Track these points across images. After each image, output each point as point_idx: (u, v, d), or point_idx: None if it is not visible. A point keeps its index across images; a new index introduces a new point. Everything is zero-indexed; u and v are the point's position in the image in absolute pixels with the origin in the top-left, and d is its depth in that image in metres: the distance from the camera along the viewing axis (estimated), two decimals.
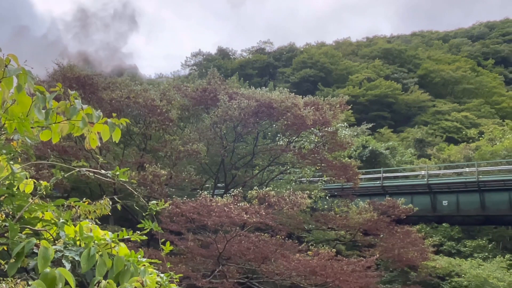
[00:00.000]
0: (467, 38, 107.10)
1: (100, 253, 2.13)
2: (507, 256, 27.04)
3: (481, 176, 28.30)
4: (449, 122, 63.39)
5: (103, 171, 2.83)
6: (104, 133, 2.40)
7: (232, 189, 22.57)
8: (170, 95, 23.85)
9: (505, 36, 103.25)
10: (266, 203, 18.02)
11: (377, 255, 22.02)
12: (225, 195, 21.59)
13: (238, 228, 17.75)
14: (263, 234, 18.61)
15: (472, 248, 29.93)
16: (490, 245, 30.14)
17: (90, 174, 2.94)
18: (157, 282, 2.32)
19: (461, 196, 28.70)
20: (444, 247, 30.52)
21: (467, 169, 32.16)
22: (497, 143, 41.30)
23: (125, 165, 19.37)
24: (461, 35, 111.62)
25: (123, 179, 2.85)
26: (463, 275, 24.75)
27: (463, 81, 78.42)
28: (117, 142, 2.75)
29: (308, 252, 20.01)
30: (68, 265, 2.04)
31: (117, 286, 2.11)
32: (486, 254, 28.93)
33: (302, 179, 29.76)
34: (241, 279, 19.07)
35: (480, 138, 47.62)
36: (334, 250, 20.33)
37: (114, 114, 2.60)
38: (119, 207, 4.48)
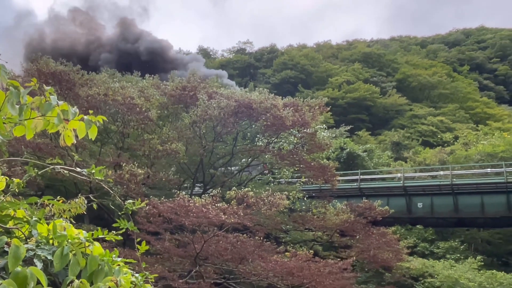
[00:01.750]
0: (443, 44, 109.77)
1: (73, 252, 2.09)
2: (478, 257, 27.75)
3: (455, 180, 28.98)
4: (425, 126, 64.76)
5: (78, 169, 2.78)
6: (80, 130, 2.36)
7: (210, 189, 22.49)
8: (148, 92, 23.59)
9: (480, 43, 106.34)
10: (245, 204, 18.00)
11: (354, 258, 22.26)
12: (203, 195, 21.49)
13: (216, 228, 17.68)
14: (241, 234, 18.59)
15: (445, 250, 30.60)
16: (462, 247, 30.88)
17: (65, 172, 2.89)
18: (131, 282, 2.29)
19: (435, 199, 29.32)
20: (418, 248, 31.11)
21: (441, 172, 32.85)
22: (471, 148, 42.38)
23: (102, 164, 19.04)
24: (438, 41, 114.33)
25: (99, 178, 2.81)
26: (436, 276, 25.27)
27: (439, 86, 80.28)
28: (93, 139, 2.71)
29: (286, 253, 20.09)
30: (40, 264, 2.00)
31: (90, 285, 2.07)
32: (458, 255, 29.61)
33: (281, 179, 29.89)
34: (218, 280, 19.00)
35: (455, 142, 48.77)
36: (312, 251, 20.47)
37: (91, 111, 2.56)
38: (94, 206, 4.41)
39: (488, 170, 31.64)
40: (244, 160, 27.75)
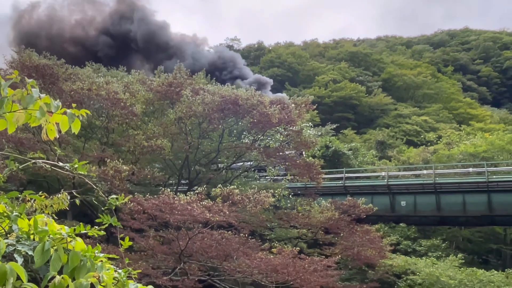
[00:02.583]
0: (428, 45, 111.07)
1: (55, 247, 2.06)
2: (459, 255, 28.23)
3: (437, 179, 29.36)
4: (409, 125, 65.56)
5: (60, 164, 2.74)
6: (63, 123, 2.32)
7: (196, 186, 22.38)
8: (134, 88, 23.36)
9: (464, 44, 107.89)
10: (230, 201, 17.98)
11: (339, 256, 22.40)
12: (188, 192, 21.40)
13: (200, 225, 17.63)
14: (226, 231, 18.57)
15: (427, 247, 31.08)
16: (443, 245, 31.42)
17: (47, 166, 2.84)
18: (114, 278, 2.27)
19: (418, 197, 29.66)
20: (401, 246, 31.54)
21: (424, 171, 33.24)
22: (454, 147, 43.05)
23: (86, 159, 18.81)
24: (423, 41, 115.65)
25: (82, 173, 2.77)
26: (418, 273, 25.64)
27: (424, 86, 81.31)
28: (76, 134, 2.67)
29: (273, 250, 20.15)
30: (20, 260, 1.96)
31: (72, 281, 2.04)
32: (440, 253, 30.11)
33: (267, 177, 29.93)
34: (203, 277, 18.96)
35: (438, 142, 49.46)
36: (298, 249, 20.55)
37: (74, 105, 2.52)
38: (77, 202, 4.35)
39: (470, 169, 32.16)
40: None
